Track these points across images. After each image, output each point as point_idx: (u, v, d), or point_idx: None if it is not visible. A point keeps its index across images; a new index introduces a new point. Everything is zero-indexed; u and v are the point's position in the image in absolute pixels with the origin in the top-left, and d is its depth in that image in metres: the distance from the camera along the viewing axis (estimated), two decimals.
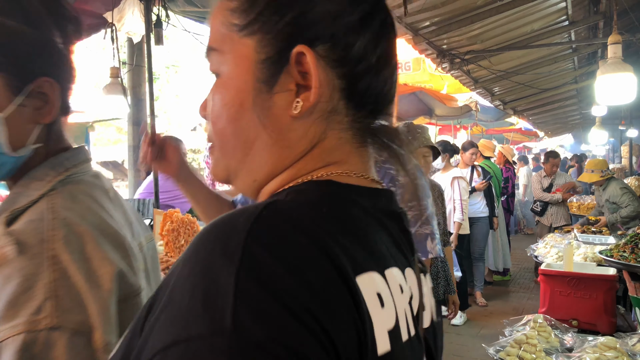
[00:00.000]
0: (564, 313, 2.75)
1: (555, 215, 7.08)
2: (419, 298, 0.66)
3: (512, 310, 6.12)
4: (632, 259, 2.73)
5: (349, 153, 0.62)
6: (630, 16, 4.61)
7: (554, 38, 5.57)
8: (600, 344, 2.00)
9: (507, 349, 2.11)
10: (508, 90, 7.45)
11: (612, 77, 3.59)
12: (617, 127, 11.82)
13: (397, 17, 3.81)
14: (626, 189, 5.54)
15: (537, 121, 12.46)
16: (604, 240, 4.53)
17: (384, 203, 0.63)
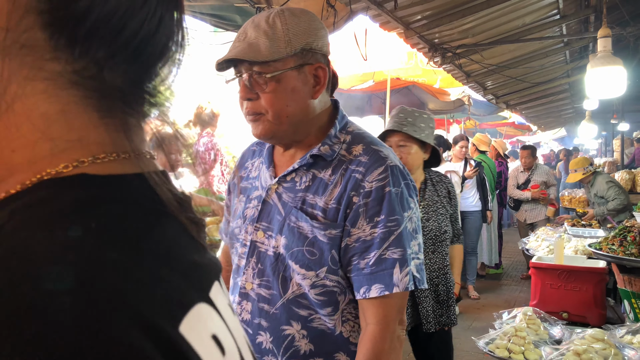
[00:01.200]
0: (554, 305, 2.77)
1: (530, 212, 7.12)
2: None
3: (504, 303, 6.16)
4: (620, 252, 2.74)
5: (89, 124, 0.39)
6: (621, 10, 4.62)
7: (546, 32, 5.58)
8: (588, 336, 2.01)
9: (496, 342, 2.12)
10: (500, 84, 7.46)
11: (602, 71, 3.60)
12: (609, 120, 11.87)
13: (388, 10, 3.80)
14: (612, 182, 5.59)
15: (530, 115, 12.49)
16: (593, 233, 4.56)
17: (165, 189, 0.41)
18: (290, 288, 1.26)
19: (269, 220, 1.30)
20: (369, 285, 1.21)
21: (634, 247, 2.68)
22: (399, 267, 1.22)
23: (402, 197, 1.26)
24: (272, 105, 1.23)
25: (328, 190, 1.26)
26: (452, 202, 2.71)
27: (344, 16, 3.72)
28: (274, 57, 1.19)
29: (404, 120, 2.54)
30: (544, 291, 2.86)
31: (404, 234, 1.24)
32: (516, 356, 1.99)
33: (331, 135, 1.32)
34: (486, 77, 6.82)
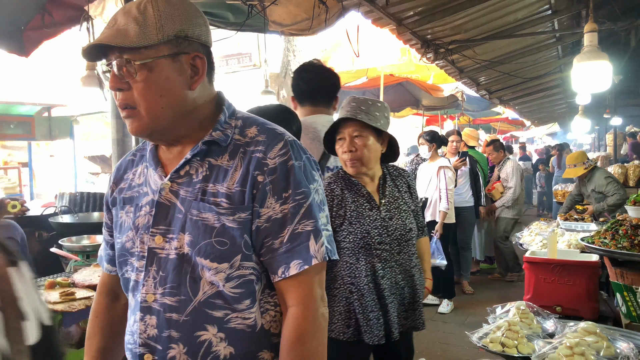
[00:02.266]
0: (548, 300, 2.77)
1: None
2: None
3: (498, 298, 6.19)
4: (612, 245, 2.75)
5: None
6: (611, 5, 4.64)
7: (537, 27, 5.59)
8: (581, 329, 2.02)
9: (490, 336, 2.13)
10: (493, 79, 7.48)
11: (588, 65, 3.61)
12: (602, 115, 11.91)
13: (380, 7, 3.80)
14: (610, 177, 5.59)
15: (523, 110, 12.53)
16: (586, 227, 4.58)
17: None
18: (200, 289, 1.18)
19: (168, 222, 1.22)
20: (287, 264, 1.18)
21: (626, 240, 2.69)
22: (314, 239, 1.19)
23: (305, 169, 1.23)
24: (144, 96, 1.16)
25: (229, 175, 1.20)
26: (414, 197, 2.54)
27: (335, 13, 3.72)
28: (143, 42, 1.13)
29: (357, 108, 2.31)
30: (538, 285, 2.87)
31: (313, 206, 1.21)
32: (510, 350, 2.00)
33: (221, 122, 1.26)
34: (479, 73, 6.83)
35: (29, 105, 8.49)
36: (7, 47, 3.72)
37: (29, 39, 3.78)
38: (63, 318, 2.49)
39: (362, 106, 2.31)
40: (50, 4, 3.82)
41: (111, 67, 1.16)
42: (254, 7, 3.90)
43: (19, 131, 8.63)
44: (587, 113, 9.21)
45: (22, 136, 8.83)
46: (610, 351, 1.91)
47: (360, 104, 2.33)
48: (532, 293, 2.87)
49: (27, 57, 3.98)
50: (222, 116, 1.27)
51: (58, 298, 2.50)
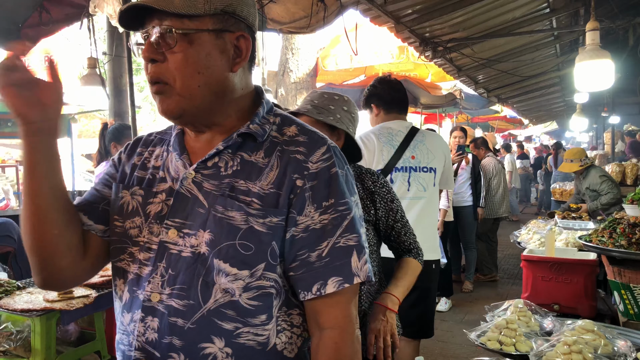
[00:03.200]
0: (546, 298, 2.78)
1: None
2: None
3: (496, 296, 6.20)
4: (609, 244, 2.75)
5: None
6: (610, 3, 4.64)
7: (536, 25, 5.60)
8: (579, 327, 2.03)
9: (487, 334, 2.13)
10: (492, 78, 7.49)
11: (590, 64, 3.62)
12: (600, 114, 11.94)
13: (378, 5, 3.80)
14: (605, 176, 5.60)
15: (522, 109, 12.55)
16: (583, 225, 4.59)
17: None
18: (212, 296, 1.05)
19: (185, 216, 1.09)
20: (325, 280, 1.05)
21: (623, 238, 2.70)
22: (357, 255, 1.07)
23: (347, 179, 1.12)
24: (181, 70, 1.05)
25: (264, 174, 1.09)
26: (381, 206, 2.06)
27: (334, 11, 3.72)
28: (188, 11, 1.02)
29: (309, 102, 2.12)
30: (536, 284, 2.87)
31: (355, 219, 1.09)
32: (507, 348, 2.00)
33: (259, 115, 1.15)
34: (477, 71, 6.84)
35: None
36: (5, 45, 3.71)
37: (27, 36, 3.77)
38: (61, 316, 2.49)
39: (315, 100, 2.09)
40: (48, 2, 3.81)
41: (147, 35, 1.05)
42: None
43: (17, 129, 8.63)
44: (585, 111, 9.24)
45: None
46: (607, 349, 1.91)
47: (315, 97, 2.11)
48: (530, 291, 2.88)
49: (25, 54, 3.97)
50: (262, 109, 1.17)
51: (56, 296, 2.50)
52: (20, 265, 3.94)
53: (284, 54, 7.66)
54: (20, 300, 2.52)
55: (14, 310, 2.41)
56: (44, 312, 2.40)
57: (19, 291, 2.68)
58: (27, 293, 2.64)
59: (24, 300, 2.51)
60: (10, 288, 2.67)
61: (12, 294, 2.63)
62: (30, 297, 2.58)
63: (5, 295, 2.59)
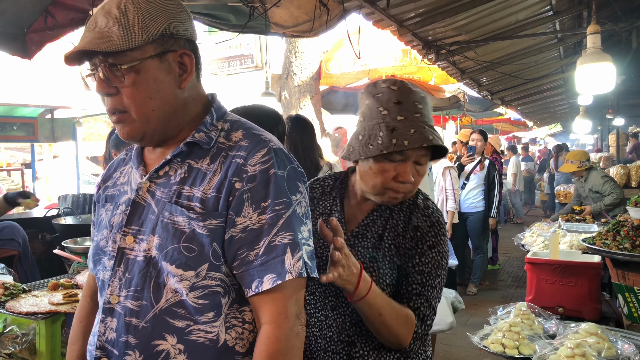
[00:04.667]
0: (550, 300, 2.78)
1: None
2: None
3: (500, 298, 6.19)
4: (614, 247, 2.75)
5: None
6: (613, 6, 4.64)
7: (539, 28, 5.60)
8: (582, 330, 2.02)
9: (491, 337, 2.13)
10: (495, 80, 7.48)
11: (592, 67, 3.62)
12: (604, 115, 11.91)
13: (381, 8, 3.81)
14: (607, 177, 5.60)
15: (526, 111, 12.53)
16: (587, 228, 4.58)
17: None
18: (164, 296, 1.12)
19: (140, 223, 1.17)
20: (261, 278, 1.10)
21: (627, 241, 2.69)
22: (291, 252, 1.11)
23: (289, 179, 1.15)
24: (134, 99, 1.13)
25: (206, 179, 1.15)
26: (424, 252, 1.49)
27: (337, 14, 3.73)
28: (128, 45, 1.08)
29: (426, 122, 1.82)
30: (540, 286, 2.87)
31: (293, 217, 1.13)
32: (510, 351, 2.00)
33: (207, 123, 1.22)
34: (481, 74, 6.84)
35: (32, 107, 8.51)
36: (11, 50, 3.74)
37: (32, 41, 3.79)
38: (66, 319, 2.50)
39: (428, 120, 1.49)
40: (54, 7, 3.83)
41: (96, 72, 1.12)
42: (256, 9, 3.91)
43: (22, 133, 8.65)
44: (589, 113, 9.21)
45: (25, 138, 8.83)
46: (611, 352, 1.91)
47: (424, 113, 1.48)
48: (534, 294, 2.87)
49: (30, 59, 4.00)
50: (209, 117, 1.23)
51: (61, 299, 2.51)
52: (25, 268, 3.96)
53: (288, 57, 7.68)
54: (26, 303, 2.53)
55: (19, 313, 2.42)
56: (49, 315, 2.41)
57: (24, 294, 2.69)
58: (32, 296, 2.65)
59: (29, 303, 2.53)
60: (16, 291, 2.68)
61: (18, 297, 2.64)
62: (36, 300, 2.59)
63: (11, 299, 2.60)
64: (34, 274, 4.00)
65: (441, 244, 1.49)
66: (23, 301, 2.57)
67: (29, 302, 2.55)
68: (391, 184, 1.45)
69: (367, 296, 1.35)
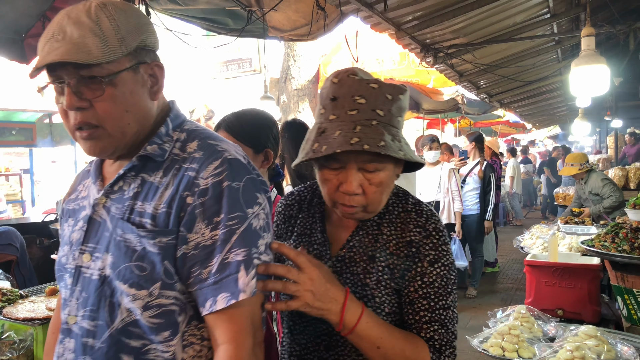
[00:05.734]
0: (549, 303, 2.78)
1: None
2: None
3: (500, 301, 6.18)
4: (612, 249, 2.75)
5: None
6: (610, 8, 4.65)
7: (537, 31, 5.61)
8: (582, 333, 2.02)
9: (490, 340, 2.13)
10: (493, 83, 7.49)
11: (586, 69, 3.63)
12: (602, 117, 11.91)
13: (379, 12, 3.82)
14: (607, 179, 5.60)
15: (524, 113, 12.54)
16: (586, 230, 4.58)
17: None
18: (119, 316, 1.08)
19: (97, 240, 1.13)
20: (215, 297, 1.05)
21: (626, 243, 2.69)
22: (245, 270, 1.05)
23: (245, 191, 1.10)
24: (110, 113, 1.08)
25: (158, 194, 1.10)
26: (420, 268, 1.26)
27: (334, 18, 3.74)
28: (107, 58, 1.04)
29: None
30: (539, 289, 2.87)
31: (248, 232, 1.08)
32: (510, 354, 2.00)
33: (161, 134, 1.17)
34: (479, 77, 6.85)
35: (30, 112, 8.52)
36: (9, 55, 3.74)
37: (30, 46, 3.79)
38: None
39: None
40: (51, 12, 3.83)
41: (65, 85, 1.06)
42: (254, 13, 3.92)
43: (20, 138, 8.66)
44: (587, 115, 9.22)
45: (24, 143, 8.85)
46: (611, 355, 1.90)
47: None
48: (534, 296, 2.87)
49: (29, 64, 3.99)
50: (164, 128, 1.18)
51: None
52: (22, 273, 3.95)
53: (286, 61, 7.69)
54: (23, 309, 2.53)
55: (16, 319, 2.41)
56: (46, 320, 2.40)
57: (21, 300, 2.68)
58: (29, 302, 2.65)
59: (26, 309, 2.52)
60: (13, 297, 2.67)
61: (15, 302, 2.63)
62: (33, 305, 2.58)
63: (8, 304, 2.60)
64: (32, 279, 3.99)
65: (444, 255, 1.25)
66: (20, 307, 2.56)
67: (27, 308, 2.54)
68: (337, 196, 1.23)
69: (357, 327, 1.15)
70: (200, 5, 4.00)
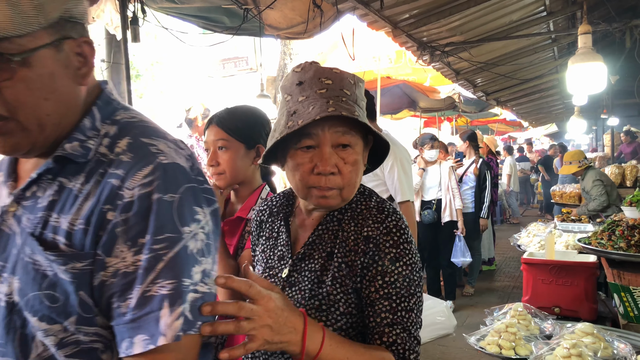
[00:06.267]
0: (546, 301, 2.78)
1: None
2: None
3: (497, 299, 6.20)
4: (609, 246, 2.76)
5: None
6: (606, 6, 4.66)
7: (533, 29, 5.62)
8: (578, 330, 2.02)
9: (487, 338, 2.13)
10: (490, 81, 7.50)
11: (583, 67, 3.64)
12: (599, 115, 11.95)
13: (375, 10, 3.81)
14: (599, 180, 5.59)
15: (521, 111, 12.56)
16: (583, 228, 4.58)
17: None
18: (33, 350, 0.87)
19: (5, 258, 0.91)
20: (132, 338, 0.83)
21: (622, 241, 2.70)
22: (169, 307, 0.83)
23: (181, 205, 0.87)
24: (24, 102, 0.85)
25: (76, 204, 0.87)
26: (382, 268, 1.18)
27: (331, 16, 3.73)
28: (19, 29, 0.81)
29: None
30: (536, 287, 2.87)
31: (180, 258, 0.85)
32: (507, 352, 2.00)
33: (85, 128, 0.93)
34: (476, 75, 6.85)
35: None
36: None
37: None
38: None
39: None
40: None
41: None
42: (250, 11, 3.91)
43: None
44: (584, 113, 9.25)
45: None
46: (607, 352, 1.91)
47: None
48: (531, 294, 2.87)
49: None
50: (88, 120, 0.94)
51: None
52: None
53: (282, 59, 7.69)
54: None
55: None
56: None
57: None
58: None
59: None
60: None
61: None
62: None
63: None
64: None
65: (406, 254, 1.16)
66: None
67: None
68: (312, 180, 1.16)
69: (320, 353, 1.02)
70: (196, 4, 3.99)
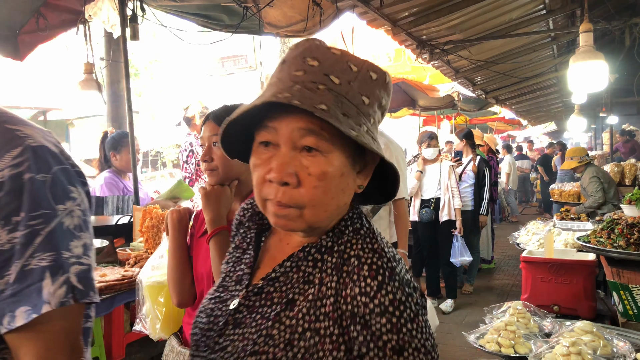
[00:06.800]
0: (545, 299, 2.78)
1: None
2: None
3: (496, 297, 6.20)
4: (608, 244, 2.76)
5: None
6: (606, 4, 4.66)
7: (532, 27, 5.61)
8: (577, 328, 2.02)
9: (486, 336, 2.13)
10: (489, 79, 7.49)
11: (584, 65, 3.63)
12: (598, 114, 11.95)
13: (375, 8, 3.81)
14: (595, 177, 5.59)
15: (520, 110, 12.55)
16: (582, 226, 4.59)
17: None
18: None
19: None
20: (13, 311, 0.85)
21: (621, 239, 2.70)
22: (50, 277, 0.86)
23: (54, 185, 0.91)
24: None
25: None
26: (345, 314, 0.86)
27: (330, 14, 3.73)
28: None
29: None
30: (535, 285, 2.87)
31: (57, 232, 0.89)
32: (506, 350, 2.00)
33: None
34: (475, 73, 6.85)
35: (25, 109, 8.49)
36: (2, 51, 3.72)
37: (23, 42, 3.77)
38: None
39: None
40: (45, 8, 3.81)
41: None
42: (249, 9, 3.90)
43: None
44: (583, 112, 9.24)
45: None
46: (606, 350, 1.91)
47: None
48: (530, 292, 2.87)
49: (22, 60, 3.98)
50: None
51: None
52: None
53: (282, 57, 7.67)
54: None
55: None
56: None
57: None
58: None
59: None
60: None
61: None
62: None
63: None
64: None
65: (414, 336, 0.85)
66: None
67: None
68: (265, 190, 0.89)
69: None
70: (196, 2, 3.99)
